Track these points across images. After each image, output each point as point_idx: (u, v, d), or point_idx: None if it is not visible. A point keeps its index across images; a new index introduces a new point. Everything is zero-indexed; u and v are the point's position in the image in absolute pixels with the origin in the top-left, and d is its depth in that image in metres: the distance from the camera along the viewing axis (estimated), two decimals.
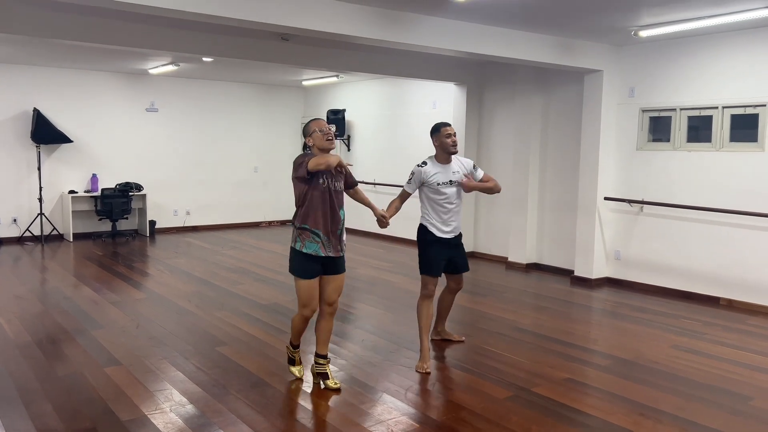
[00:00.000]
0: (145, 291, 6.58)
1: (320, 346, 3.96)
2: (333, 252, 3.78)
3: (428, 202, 4.44)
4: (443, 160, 4.42)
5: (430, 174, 4.36)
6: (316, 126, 3.76)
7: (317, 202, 3.70)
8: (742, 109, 6.08)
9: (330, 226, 3.74)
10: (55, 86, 9.65)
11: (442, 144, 4.38)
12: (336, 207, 3.77)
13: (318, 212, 3.71)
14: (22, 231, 9.58)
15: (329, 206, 3.73)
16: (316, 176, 3.69)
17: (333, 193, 3.75)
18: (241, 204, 11.67)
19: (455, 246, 4.54)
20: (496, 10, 5.37)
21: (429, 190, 4.40)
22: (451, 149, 4.37)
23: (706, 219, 6.35)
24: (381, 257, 8.62)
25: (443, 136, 4.36)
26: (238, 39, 6.68)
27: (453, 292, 4.85)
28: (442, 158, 4.42)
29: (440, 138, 4.38)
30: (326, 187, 3.72)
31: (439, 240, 4.44)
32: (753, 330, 5.39)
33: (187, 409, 3.62)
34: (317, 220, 3.71)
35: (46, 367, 4.26)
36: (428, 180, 4.36)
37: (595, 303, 6.39)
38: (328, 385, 3.90)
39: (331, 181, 3.75)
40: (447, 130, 4.38)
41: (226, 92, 11.33)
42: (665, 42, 6.56)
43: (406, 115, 9.95)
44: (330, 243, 3.76)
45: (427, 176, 4.36)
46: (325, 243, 3.74)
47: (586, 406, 3.73)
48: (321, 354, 3.96)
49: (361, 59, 7.70)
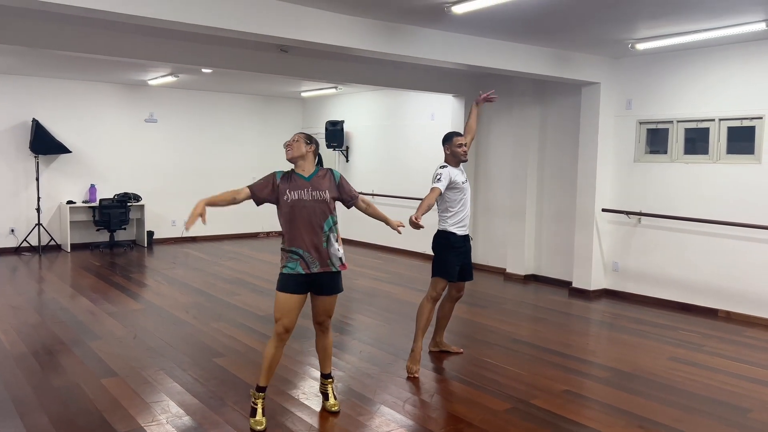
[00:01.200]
0: (142, 302, 6.56)
1: (321, 365, 3.88)
2: (320, 267, 3.54)
3: (450, 204, 4.59)
4: (455, 165, 4.62)
5: (454, 173, 4.54)
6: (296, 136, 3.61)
7: (288, 219, 3.51)
8: (739, 122, 6.11)
9: (310, 241, 3.51)
10: (54, 97, 9.68)
11: (454, 152, 4.60)
12: (313, 220, 3.51)
13: (293, 230, 3.51)
14: (19, 241, 9.57)
15: (305, 221, 3.50)
16: (280, 195, 3.53)
17: (308, 206, 3.50)
18: (239, 215, 11.60)
19: (465, 254, 4.70)
20: (494, 23, 5.41)
21: (453, 190, 4.55)
22: (461, 158, 4.61)
23: (704, 231, 6.36)
24: (379, 268, 8.61)
25: (455, 145, 4.59)
26: (238, 50, 6.71)
27: (454, 300, 4.93)
28: (453, 164, 4.62)
29: (452, 147, 4.60)
30: (296, 200, 3.50)
31: (456, 246, 4.60)
32: (751, 342, 5.39)
33: (184, 421, 3.60)
34: (293, 237, 3.51)
35: (42, 378, 4.24)
36: (454, 179, 4.53)
37: (593, 315, 6.39)
38: (325, 406, 3.80)
39: (303, 193, 3.51)
40: (459, 140, 4.60)
41: (225, 103, 11.37)
42: (662, 54, 6.60)
43: (405, 127, 9.99)
44: (313, 258, 3.52)
45: (453, 175, 4.53)
46: (307, 259, 3.52)
47: (584, 419, 3.72)
48: (323, 373, 3.88)
49: (359, 71, 7.73)
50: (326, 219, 3.56)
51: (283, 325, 3.52)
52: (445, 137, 4.69)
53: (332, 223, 3.59)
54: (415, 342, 4.53)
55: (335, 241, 3.59)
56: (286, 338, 3.56)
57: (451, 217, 4.61)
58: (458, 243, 4.61)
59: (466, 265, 4.74)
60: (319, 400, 3.92)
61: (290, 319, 3.54)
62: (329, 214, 3.58)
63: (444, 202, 4.60)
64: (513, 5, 4.73)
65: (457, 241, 4.61)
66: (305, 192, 3.53)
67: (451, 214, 4.60)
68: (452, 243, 4.60)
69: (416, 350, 4.49)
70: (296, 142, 3.59)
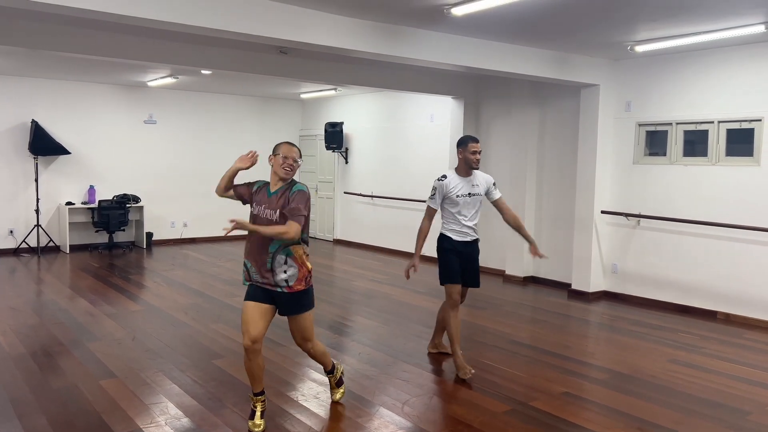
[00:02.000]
0: (141, 303, 6.55)
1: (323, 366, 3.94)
2: (264, 284, 3.42)
3: (444, 213, 4.56)
4: (464, 173, 4.53)
5: (450, 186, 4.47)
6: (286, 151, 3.44)
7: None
8: (738, 124, 6.11)
9: (257, 258, 3.41)
10: (53, 98, 9.67)
11: (466, 158, 4.50)
12: (262, 238, 3.37)
13: (247, 241, 3.46)
14: (18, 242, 9.56)
15: (256, 236, 3.39)
16: (251, 202, 3.51)
17: (261, 223, 3.39)
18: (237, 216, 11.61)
19: (469, 259, 4.62)
20: (494, 25, 5.41)
21: (448, 202, 4.50)
22: (473, 165, 4.51)
23: (703, 233, 6.36)
24: (377, 269, 8.61)
25: (469, 152, 4.48)
26: (237, 52, 6.71)
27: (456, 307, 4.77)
28: (463, 171, 4.53)
29: (465, 152, 4.50)
30: (255, 214, 3.46)
31: (455, 249, 4.54)
32: (750, 344, 5.39)
33: (183, 423, 3.59)
34: (246, 248, 3.47)
35: (41, 380, 4.24)
36: (448, 193, 4.47)
37: (592, 316, 6.39)
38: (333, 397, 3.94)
39: (261, 209, 3.43)
40: (474, 146, 4.49)
41: (225, 105, 11.37)
42: (661, 57, 6.61)
43: (404, 128, 9.99)
44: (258, 274, 3.42)
45: (448, 189, 4.47)
46: (252, 273, 3.45)
47: (583, 420, 3.72)
48: (326, 372, 3.96)
49: (359, 73, 7.73)
50: (272, 241, 3.37)
51: (249, 337, 3.39)
52: (459, 140, 4.57)
53: (280, 244, 3.36)
54: (454, 355, 4.53)
55: (284, 263, 3.38)
56: (256, 349, 3.41)
57: (447, 224, 4.57)
58: (456, 246, 4.55)
59: (471, 270, 4.65)
60: (317, 402, 3.93)
61: (255, 328, 3.38)
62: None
63: (443, 210, 4.56)
64: (512, 7, 4.73)
65: (455, 245, 4.55)
66: (263, 208, 3.45)
67: (447, 221, 4.56)
68: (447, 246, 4.54)
69: (457, 360, 4.48)
70: (298, 163, 3.47)
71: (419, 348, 5.10)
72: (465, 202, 4.49)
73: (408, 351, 5.01)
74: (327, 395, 4.02)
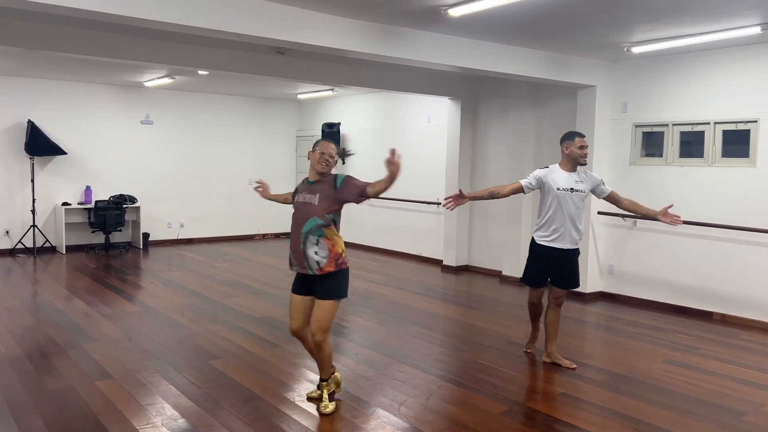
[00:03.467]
0: (138, 304, 6.54)
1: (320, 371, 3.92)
2: (300, 268, 3.69)
3: (540, 208, 4.50)
4: (568, 169, 4.47)
5: (554, 176, 4.42)
6: (323, 147, 3.78)
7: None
8: (734, 125, 6.13)
9: (294, 242, 3.70)
10: (49, 98, 9.65)
11: (572, 153, 4.41)
12: (298, 222, 3.68)
13: (291, 231, 3.77)
14: (14, 243, 9.54)
15: (294, 223, 3.71)
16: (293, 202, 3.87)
17: (299, 209, 3.73)
18: (235, 217, 11.65)
19: (560, 264, 4.57)
20: (491, 26, 5.42)
21: (544, 191, 4.43)
22: (581, 161, 4.44)
23: (699, 234, 6.37)
24: (375, 270, 8.61)
25: (576, 147, 4.40)
26: (234, 52, 6.70)
27: (554, 307, 4.76)
28: (567, 167, 4.47)
29: (572, 147, 4.41)
30: (295, 203, 3.79)
31: (539, 254, 4.55)
32: (746, 345, 5.40)
33: (179, 424, 3.59)
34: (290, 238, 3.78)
35: (37, 381, 4.23)
36: (546, 179, 4.40)
37: (588, 317, 6.40)
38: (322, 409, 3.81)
39: (300, 196, 3.76)
40: (581, 141, 4.41)
41: (222, 105, 11.36)
42: (658, 58, 6.62)
43: (401, 129, 9.99)
44: (294, 258, 3.70)
45: (548, 176, 4.41)
46: (291, 259, 3.74)
47: (580, 421, 3.73)
48: (321, 378, 3.91)
49: (356, 73, 7.73)
50: (307, 220, 3.64)
51: (291, 328, 3.79)
52: (565, 135, 4.49)
53: (313, 225, 3.62)
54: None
55: (315, 244, 3.60)
56: (301, 336, 3.79)
57: (539, 223, 4.54)
58: (543, 251, 4.50)
59: (562, 272, 4.59)
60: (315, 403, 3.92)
61: (296, 322, 3.76)
62: (311, 216, 3.64)
63: (539, 205, 4.55)
64: (510, 8, 4.73)
65: (542, 251, 4.50)
66: (302, 196, 3.76)
67: (540, 219, 4.53)
68: (535, 251, 4.59)
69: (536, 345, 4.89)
70: (333, 158, 3.79)
71: (416, 349, 5.10)
72: (566, 197, 4.41)
73: (405, 352, 5.01)
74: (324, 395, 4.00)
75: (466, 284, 7.96)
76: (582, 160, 4.43)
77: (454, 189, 8.71)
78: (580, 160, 4.43)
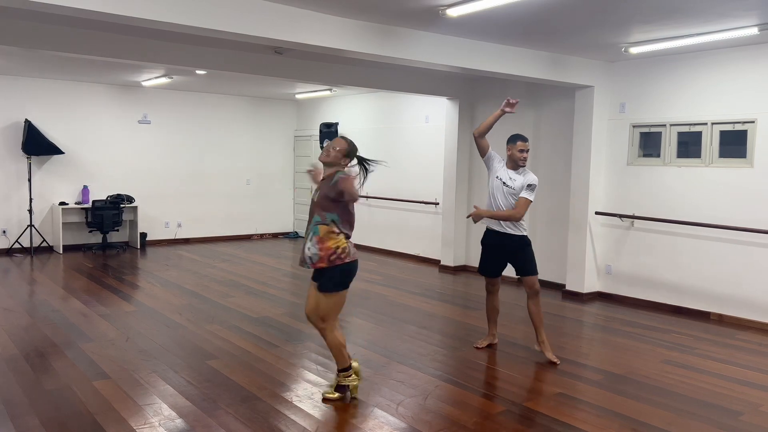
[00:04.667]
0: (135, 304, 6.53)
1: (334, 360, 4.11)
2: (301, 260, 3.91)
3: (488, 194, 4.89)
4: (510, 167, 4.82)
5: (497, 160, 4.86)
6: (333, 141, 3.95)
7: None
8: (731, 126, 6.14)
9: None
10: (46, 98, 9.63)
11: (514, 155, 4.79)
12: (309, 217, 3.90)
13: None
14: (11, 243, 9.51)
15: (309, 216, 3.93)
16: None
17: (312, 203, 3.92)
18: (232, 216, 11.64)
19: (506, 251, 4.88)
20: (489, 26, 5.42)
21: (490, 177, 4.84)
22: (520, 162, 4.80)
23: (697, 234, 6.39)
24: (373, 270, 8.61)
25: (517, 150, 4.78)
26: (232, 52, 6.70)
27: (530, 298, 4.94)
28: (510, 165, 4.83)
29: (514, 150, 4.79)
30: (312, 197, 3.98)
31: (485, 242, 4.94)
32: (743, 345, 5.41)
33: (177, 424, 3.59)
34: None
35: (34, 381, 4.22)
36: (493, 165, 4.82)
37: (586, 317, 6.40)
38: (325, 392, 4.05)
39: (314, 192, 3.94)
40: (522, 145, 4.78)
41: (219, 105, 11.35)
42: (656, 58, 6.63)
43: (399, 129, 9.99)
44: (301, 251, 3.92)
45: (495, 161, 4.85)
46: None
47: (577, 421, 3.73)
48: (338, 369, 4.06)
49: (354, 73, 7.73)
50: (313, 216, 3.85)
51: (305, 310, 4.00)
52: (510, 137, 4.85)
53: (314, 221, 3.82)
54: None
55: (310, 240, 3.80)
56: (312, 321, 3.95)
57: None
58: (488, 242, 4.89)
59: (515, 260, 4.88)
60: (312, 403, 3.93)
61: (307, 306, 3.96)
62: (314, 213, 3.85)
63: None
64: (507, 9, 4.74)
65: (487, 240, 4.90)
66: (315, 192, 3.95)
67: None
68: (482, 240, 4.98)
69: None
70: (336, 150, 3.85)
71: (414, 349, 5.10)
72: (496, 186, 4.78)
73: (403, 352, 5.01)
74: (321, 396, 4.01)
75: (463, 284, 7.96)
76: (521, 162, 4.79)
77: (452, 189, 8.75)
78: (519, 162, 4.79)
